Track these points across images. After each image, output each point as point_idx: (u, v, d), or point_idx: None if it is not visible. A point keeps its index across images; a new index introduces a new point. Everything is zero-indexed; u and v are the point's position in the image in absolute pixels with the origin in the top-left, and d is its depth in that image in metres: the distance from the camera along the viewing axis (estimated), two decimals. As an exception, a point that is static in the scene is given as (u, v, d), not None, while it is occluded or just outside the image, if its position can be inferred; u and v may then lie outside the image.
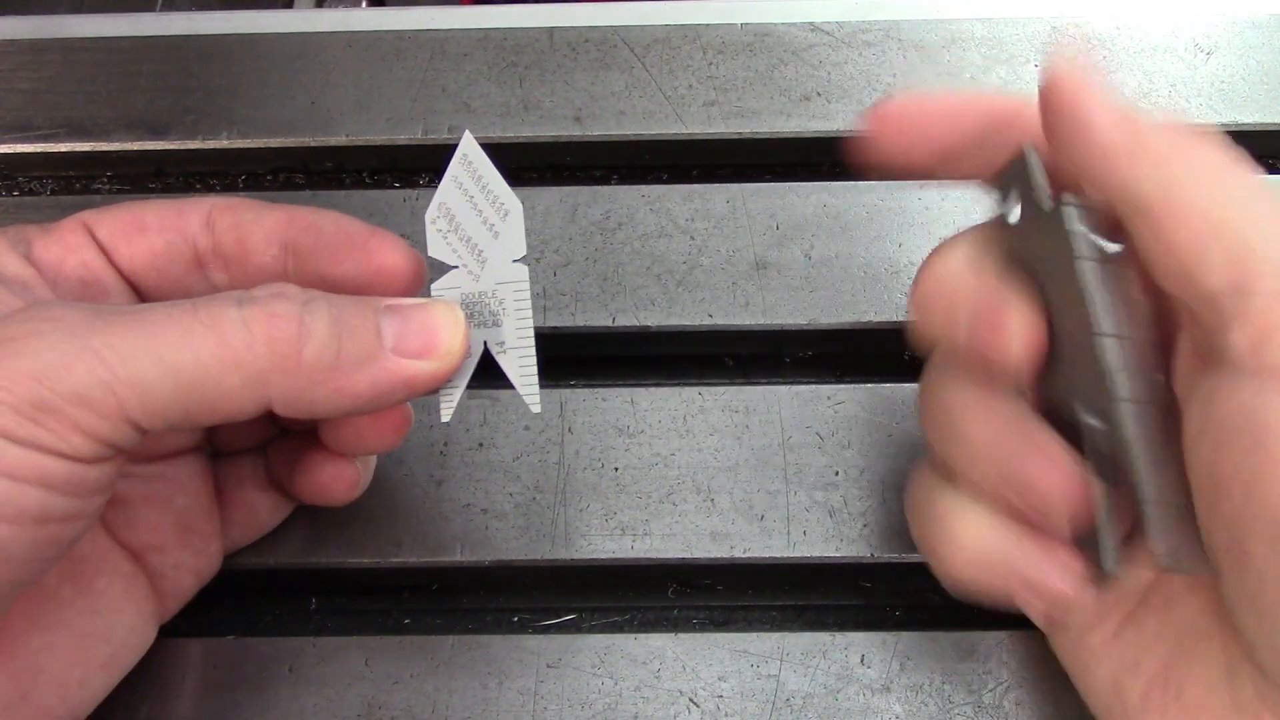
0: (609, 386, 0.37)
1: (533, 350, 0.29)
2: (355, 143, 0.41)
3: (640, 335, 0.38)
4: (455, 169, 0.29)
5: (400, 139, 0.41)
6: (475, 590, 0.35)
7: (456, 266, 0.29)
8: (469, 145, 0.29)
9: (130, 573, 0.30)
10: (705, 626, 0.34)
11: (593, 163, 0.42)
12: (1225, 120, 0.41)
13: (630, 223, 0.39)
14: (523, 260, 0.29)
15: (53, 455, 0.24)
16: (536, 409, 0.29)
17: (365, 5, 0.61)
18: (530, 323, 0.29)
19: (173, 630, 0.32)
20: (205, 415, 0.26)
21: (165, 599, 0.31)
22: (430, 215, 0.29)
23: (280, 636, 0.33)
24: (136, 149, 0.42)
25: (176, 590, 0.31)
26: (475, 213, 0.29)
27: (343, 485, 0.32)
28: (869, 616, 0.35)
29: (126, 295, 0.30)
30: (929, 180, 0.29)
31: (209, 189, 0.42)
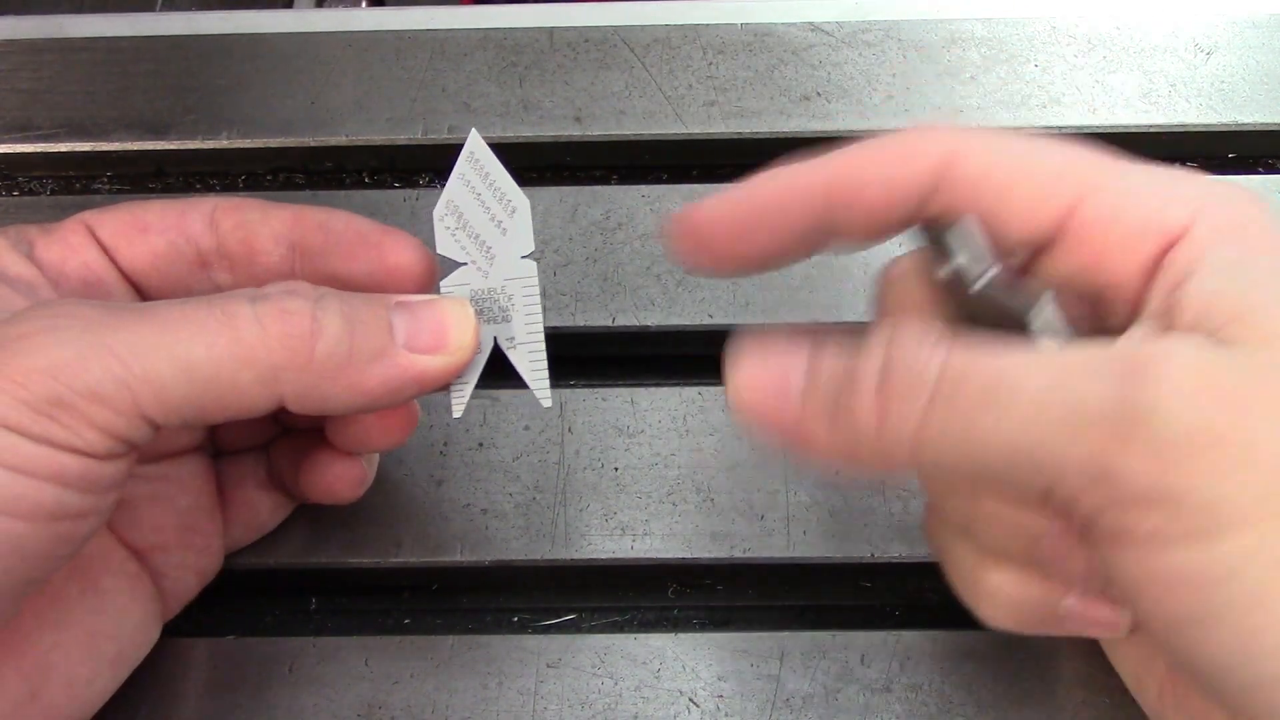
0: (609, 386, 0.37)
1: (542, 345, 0.29)
2: (355, 143, 0.41)
3: (640, 335, 0.38)
4: (462, 167, 0.29)
5: (400, 139, 0.41)
6: (475, 590, 0.35)
7: (465, 263, 0.29)
8: (475, 143, 0.29)
9: (135, 572, 0.30)
10: (705, 626, 0.34)
11: (593, 163, 0.42)
12: (1225, 120, 0.41)
13: (630, 223, 0.39)
14: (531, 256, 0.29)
15: (67, 451, 0.24)
16: (548, 403, 0.29)
17: (365, 5, 0.61)
18: (540, 318, 0.29)
19: (173, 630, 0.32)
20: (219, 411, 0.26)
21: (168, 598, 0.31)
22: (438, 213, 0.29)
23: (280, 636, 0.33)
24: (136, 149, 0.42)
25: (179, 590, 0.31)
26: (483, 210, 0.29)
27: (349, 483, 0.32)
28: (869, 616, 0.35)
29: (129, 296, 0.30)
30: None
31: (209, 189, 0.42)
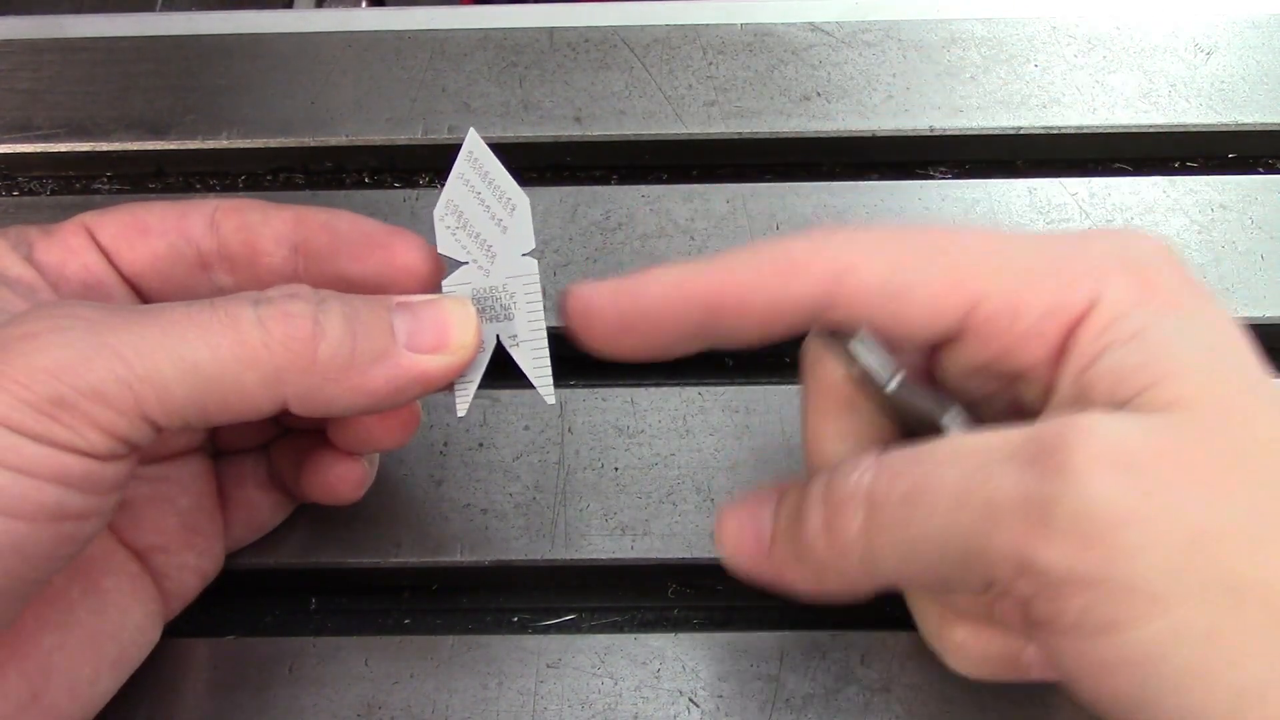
0: (609, 386, 0.37)
1: (545, 342, 0.29)
2: (355, 143, 0.41)
3: (640, 335, 0.38)
4: (461, 166, 0.29)
5: (400, 139, 0.41)
6: (475, 590, 0.35)
7: (466, 263, 0.29)
8: (474, 142, 0.29)
9: (136, 573, 0.30)
10: (705, 626, 0.34)
11: (593, 163, 0.42)
12: (1225, 120, 0.41)
13: (630, 223, 0.39)
14: (532, 254, 0.29)
15: (70, 452, 0.24)
16: (551, 400, 0.29)
17: (365, 5, 0.61)
18: (542, 316, 0.29)
19: (173, 630, 0.32)
20: (221, 413, 0.26)
21: (169, 599, 0.31)
22: (438, 213, 0.29)
23: (280, 636, 0.33)
24: (136, 149, 0.42)
25: (180, 590, 0.31)
26: (483, 208, 0.29)
27: (351, 484, 0.32)
28: (869, 616, 0.35)
29: (129, 298, 0.30)
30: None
31: (209, 189, 0.42)
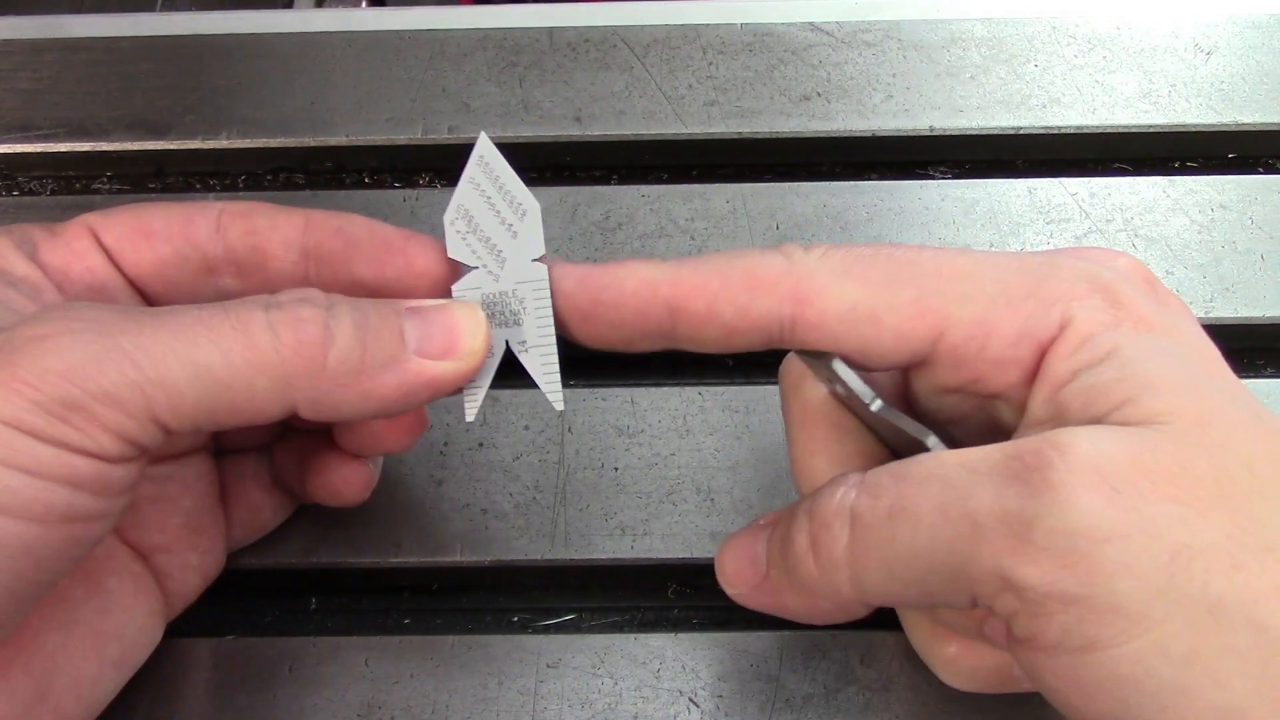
0: (609, 386, 0.37)
1: (554, 348, 0.29)
2: (355, 143, 0.41)
3: (640, 335, 0.38)
4: (472, 170, 0.29)
5: (400, 139, 0.41)
6: (475, 590, 0.35)
7: (476, 267, 0.29)
8: (485, 147, 0.29)
9: (139, 573, 0.30)
10: (705, 626, 0.34)
11: (593, 163, 0.42)
12: (1225, 120, 0.41)
13: (630, 223, 0.39)
14: (542, 259, 0.29)
15: (81, 454, 0.24)
16: (560, 406, 0.29)
17: (365, 5, 0.61)
18: (551, 321, 0.29)
19: (174, 630, 0.32)
20: (231, 417, 0.26)
21: (171, 599, 0.31)
22: (449, 217, 0.29)
23: (280, 636, 0.33)
24: (136, 149, 0.42)
25: (182, 590, 0.31)
26: (493, 213, 0.29)
27: (356, 487, 0.32)
28: (869, 616, 0.35)
29: (134, 301, 0.30)
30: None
31: (209, 189, 0.42)
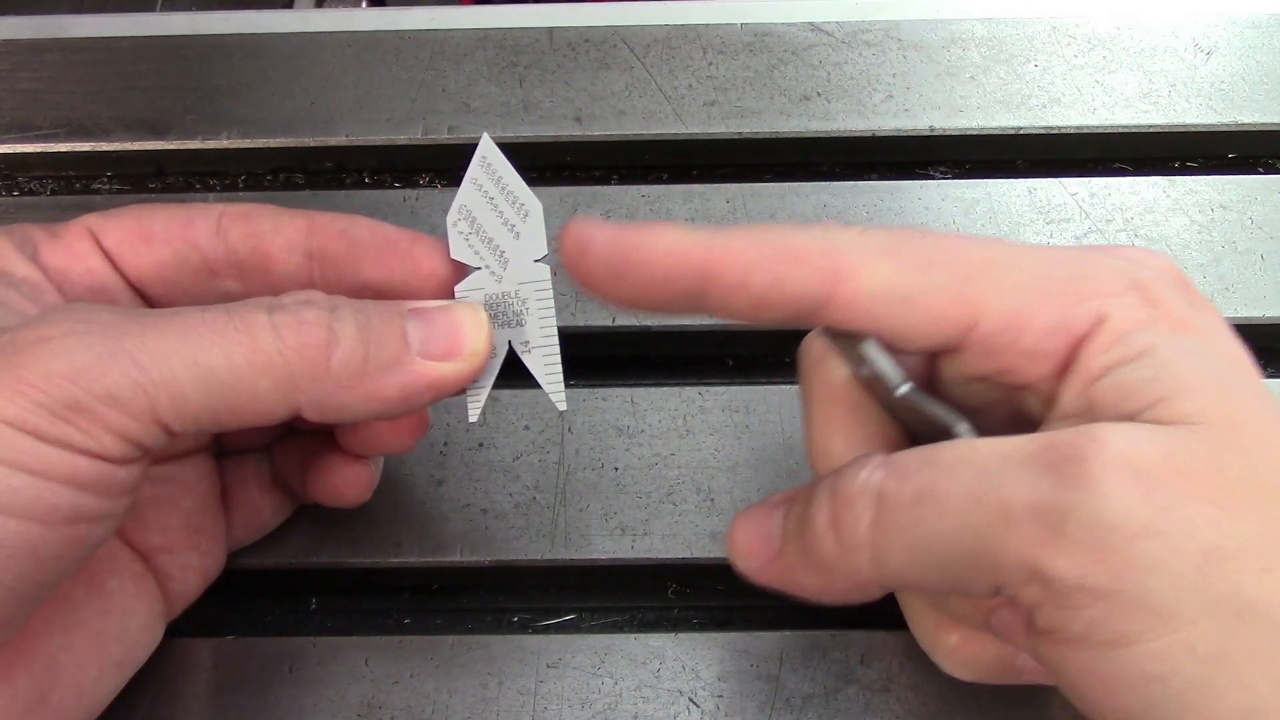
0: (609, 386, 0.37)
1: (557, 349, 0.29)
2: (355, 143, 0.41)
3: (640, 335, 0.38)
4: (475, 171, 0.29)
5: (400, 139, 0.41)
6: (475, 590, 0.35)
7: (479, 268, 0.29)
8: (488, 147, 0.29)
9: (140, 573, 0.30)
10: (705, 626, 0.34)
11: (593, 163, 0.42)
12: (1225, 120, 0.41)
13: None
14: (544, 260, 0.29)
15: (84, 455, 0.24)
16: (563, 407, 0.29)
17: (365, 5, 0.61)
18: (554, 322, 0.29)
19: (174, 630, 0.32)
20: (234, 419, 0.26)
21: (172, 599, 0.31)
22: (451, 218, 0.29)
23: (280, 636, 0.33)
24: (136, 149, 0.42)
25: (183, 590, 0.31)
26: (496, 214, 0.29)
27: (358, 488, 0.32)
28: (869, 616, 0.35)
29: (135, 303, 0.30)
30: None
31: (209, 189, 0.42)
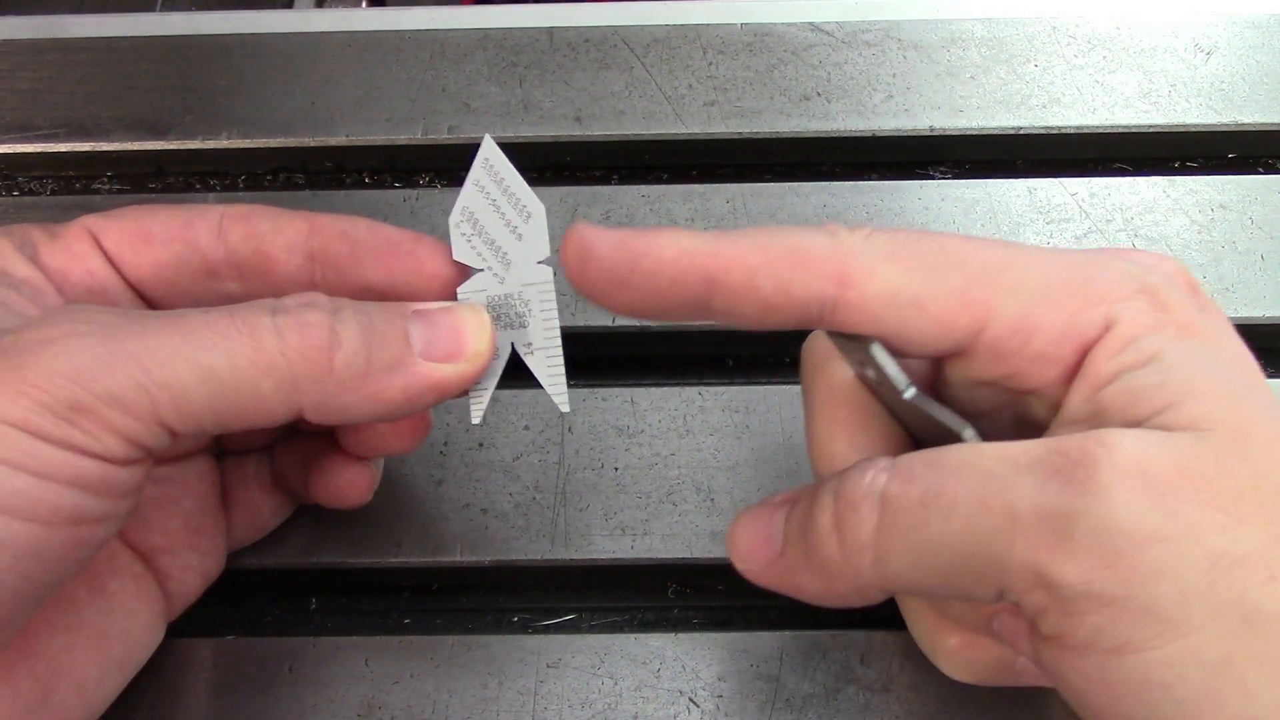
0: (609, 386, 0.37)
1: (559, 350, 0.29)
2: (355, 143, 0.41)
3: (640, 335, 0.38)
4: (477, 173, 0.29)
5: (400, 139, 0.41)
6: (475, 590, 0.35)
7: (481, 270, 0.29)
8: (490, 149, 0.29)
9: (140, 574, 0.30)
10: (705, 626, 0.34)
11: (593, 163, 0.42)
12: (1225, 120, 0.41)
13: (630, 223, 0.39)
14: (547, 261, 0.29)
15: (87, 456, 0.24)
16: (565, 408, 0.29)
17: (365, 5, 0.61)
18: (556, 323, 0.29)
19: (174, 630, 0.32)
20: (237, 420, 0.26)
21: (172, 599, 0.31)
22: (454, 219, 0.29)
23: (280, 636, 0.33)
24: (136, 149, 0.42)
25: (183, 591, 0.31)
26: (498, 216, 0.29)
27: (360, 488, 0.32)
28: (869, 616, 0.35)
29: (135, 304, 0.30)
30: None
31: (209, 189, 0.42)
